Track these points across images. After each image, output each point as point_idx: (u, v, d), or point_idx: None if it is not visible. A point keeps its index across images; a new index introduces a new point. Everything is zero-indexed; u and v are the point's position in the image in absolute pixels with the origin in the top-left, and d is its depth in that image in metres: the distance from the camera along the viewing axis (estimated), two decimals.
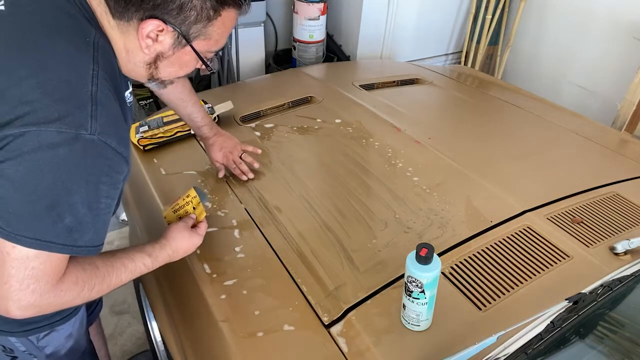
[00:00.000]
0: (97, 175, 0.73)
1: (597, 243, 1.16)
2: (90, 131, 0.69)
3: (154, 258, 0.92)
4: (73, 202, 0.70)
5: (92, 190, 0.72)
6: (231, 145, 1.36)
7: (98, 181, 0.73)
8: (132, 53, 0.80)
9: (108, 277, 0.82)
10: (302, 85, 1.98)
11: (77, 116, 0.69)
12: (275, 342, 0.94)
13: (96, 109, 0.71)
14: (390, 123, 1.67)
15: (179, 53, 0.81)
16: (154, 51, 0.80)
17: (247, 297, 1.02)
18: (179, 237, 0.98)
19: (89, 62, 0.73)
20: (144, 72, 0.83)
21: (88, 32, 0.75)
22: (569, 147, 1.63)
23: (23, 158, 0.67)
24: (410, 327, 0.94)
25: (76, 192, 0.70)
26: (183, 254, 0.99)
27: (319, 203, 1.28)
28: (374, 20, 2.86)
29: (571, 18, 2.88)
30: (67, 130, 0.68)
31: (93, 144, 0.70)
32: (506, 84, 2.34)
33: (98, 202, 0.74)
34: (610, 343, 0.98)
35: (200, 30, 0.79)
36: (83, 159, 0.70)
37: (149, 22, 0.75)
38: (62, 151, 0.68)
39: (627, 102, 2.39)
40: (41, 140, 0.67)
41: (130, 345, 1.80)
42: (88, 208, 0.72)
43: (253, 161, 1.37)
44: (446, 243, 1.15)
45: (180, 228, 0.99)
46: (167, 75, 0.86)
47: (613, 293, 0.98)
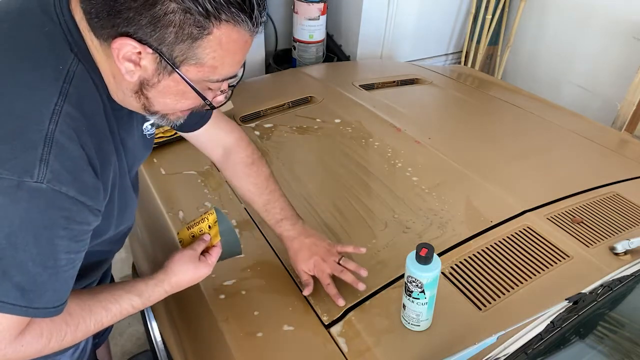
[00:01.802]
0: (49, 229, 0.62)
1: (597, 243, 1.16)
2: (36, 178, 0.58)
3: (146, 298, 0.81)
4: (21, 260, 0.61)
5: (45, 246, 0.62)
6: (324, 250, 1.04)
7: (52, 236, 0.62)
8: (118, 79, 0.67)
9: (84, 323, 0.72)
10: (302, 85, 1.98)
11: (22, 159, 0.58)
12: (275, 342, 0.94)
13: (49, 151, 0.59)
14: (390, 123, 1.67)
15: (166, 81, 0.66)
16: (137, 78, 0.66)
17: (247, 297, 1.02)
18: (183, 270, 0.85)
19: (53, 95, 0.62)
20: (134, 102, 0.70)
21: (63, 59, 0.64)
22: (569, 147, 1.63)
23: None
24: (410, 327, 0.94)
25: (22, 249, 0.60)
26: (185, 286, 0.87)
27: (319, 203, 1.28)
28: (374, 20, 2.86)
29: (571, 18, 2.88)
30: (9, 177, 0.57)
31: (41, 194, 0.59)
32: (506, 84, 2.34)
33: (55, 259, 0.63)
34: (610, 343, 0.98)
35: (186, 53, 0.63)
36: (28, 210, 0.59)
37: (120, 41, 0.61)
38: (2, 201, 0.58)
39: (627, 102, 2.39)
40: None
41: (130, 345, 1.80)
42: (42, 267, 0.62)
43: (359, 268, 1.02)
44: (446, 243, 1.15)
45: (185, 259, 0.86)
46: (164, 107, 0.71)
47: (613, 293, 0.98)
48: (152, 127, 0.87)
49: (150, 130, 0.86)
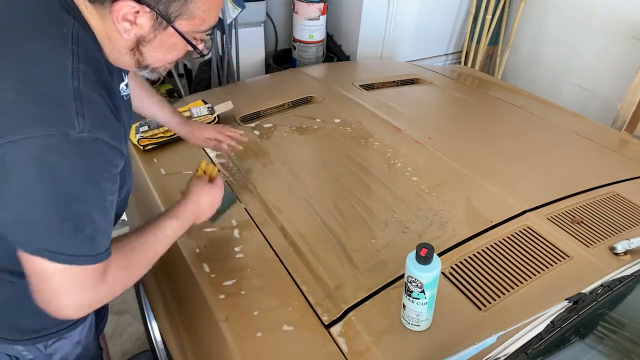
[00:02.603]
0: (98, 174, 0.68)
1: (597, 243, 1.16)
2: (79, 129, 0.64)
3: (181, 219, 0.91)
4: (83, 209, 0.67)
5: (97, 191, 0.69)
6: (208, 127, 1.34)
7: (101, 179, 0.69)
8: (114, 40, 0.74)
9: (146, 254, 0.82)
10: (302, 85, 1.98)
11: (61, 115, 0.64)
12: (275, 342, 0.94)
13: (81, 104, 0.65)
14: (390, 123, 1.67)
15: (161, 36, 0.74)
16: (134, 35, 0.73)
17: (247, 297, 1.02)
18: (200, 191, 0.98)
19: (68, 56, 0.67)
20: (129, 59, 0.76)
21: (65, 23, 0.69)
22: (569, 147, 1.63)
23: (21, 172, 0.63)
24: (410, 327, 0.94)
25: (82, 198, 0.67)
26: (208, 207, 0.99)
27: (319, 203, 1.28)
28: (374, 20, 2.87)
29: (571, 18, 2.88)
30: (53, 133, 0.62)
31: (85, 143, 0.65)
32: (506, 84, 2.34)
33: (105, 201, 0.70)
34: (610, 343, 0.98)
35: (180, 9, 0.71)
36: (78, 160, 0.65)
37: (121, 4, 0.68)
38: (54, 156, 0.63)
39: (627, 102, 2.39)
40: (30, 149, 0.62)
41: (130, 345, 1.80)
42: (100, 212, 0.69)
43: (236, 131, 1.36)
44: (446, 243, 1.15)
45: (199, 183, 1.00)
46: (155, 61, 0.78)
47: (613, 293, 0.98)
48: (126, 87, 0.89)
49: (125, 92, 0.89)
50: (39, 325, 0.88)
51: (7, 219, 0.67)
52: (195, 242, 1.16)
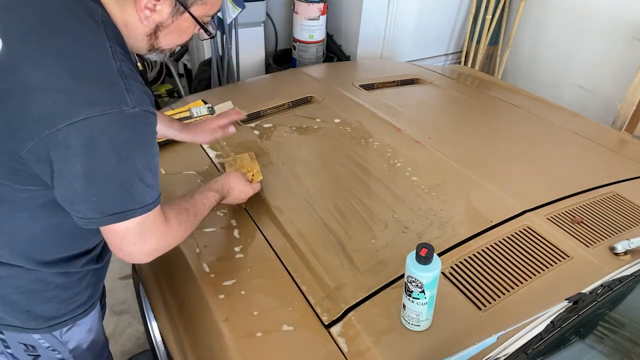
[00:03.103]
0: (149, 141, 0.78)
1: (597, 243, 1.16)
2: (131, 104, 0.72)
3: (219, 193, 1.07)
4: (139, 171, 0.76)
5: (149, 154, 0.78)
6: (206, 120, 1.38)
7: (151, 145, 0.78)
8: (131, 26, 0.80)
9: (194, 216, 0.95)
10: (302, 85, 1.98)
11: (114, 94, 0.71)
12: (275, 342, 0.94)
13: (127, 82, 0.73)
14: (390, 123, 1.67)
15: (178, 21, 0.82)
16: (153, 22, 0.80)
17: (246, 297, 1.02)
18: (238, 180, 1.14)
19: (104, 40, 0.74)
20: (144, 44, 0.84)
21: (94, 10, 0.76)
22: (569, 147, 1.63)
23: (84, 150, 0.70)
24: (410, 327, 0.94)
25: (139, 162, 0.76)
26: (237, 194, 1.14)
27: (319, 203, 1.28)
28: (374, 20, 2.86)
29: (571, 18, 2.88)
30: (112, 110, 0.70)
31: (137, 116, 0.73)
32: (506, 84, 2.34)
33: (154, 161, 0.80)
34: (610, 343, 0.98)
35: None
36: (135, 131, 0.74)
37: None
38: (115, 131, 0.71)
39: (627, 102, 2.39)
40: (92, 127, 0.69)
41: (130, 345, 1.79)
42: (149, 170, 0.78)
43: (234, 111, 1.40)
44: (446, 243, 1.15)
45: (238, 174, 1.17)
46: (167, 43, 0.86)
47: (613, 293, 0.98)
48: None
49: None
50: (54, 313, 0.91)
51: (70, 199, 0.75)
52: (195, 242, 1.16)
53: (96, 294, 1.00)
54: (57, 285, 0.89)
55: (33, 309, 0.89)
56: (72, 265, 0.90)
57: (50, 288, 0.89)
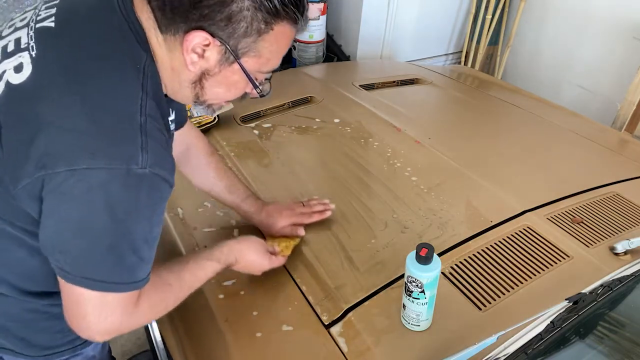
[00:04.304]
0: (151, 209, 0.70)
1: (597, 243, 1.16)
2: (141, 165, 0.65)
3: (222, 263, 0.92)
4: (132, 240, 0.68)
5: (148, 224, 0.70)
6: (287, 204, 1.17)
7: (152, 214, 0.71)
8: (178, 71, 0.74)
9: (181, 291, 0.83)
10: (302, 85, 1.98)
11: (127, 149, 0.65)
12: (275, 342, 0.94)
13: (146, 141, 0.67)
14: (390, 123, 1.67)
15: (226, 71, 0.74)
16: (199, 68, 0.73)
17: (246, 297, 1.02)
18: (253, 249, 0.97)
19: (138, 90, 0.69)
20: (189, 92, 0.77)
21: (139, 56, 0.71)
22: (569, 147, 1.63)
23: (77, 201, 0.64)
24: (410, 327, 0.94)
25: (134, 230, 0.68)
26: (247, 265, 0.96)
27: None
28: (374, 20, 2.86)
29: (571, 18, 2.88)
30: (118, 166, 0.64)
31: (146, 178, 0.66)
32: (506, 84, 2.34)
33: (152, 232, 0.72)
34: (610, 343, 0.98)
35: (249, 46, 0.71)
36: (137, 195, 0.67)
37: (194, 34, 0.68)
38: (115, 189, 0.65)
39: (627, 102, 2.39)
40: (91, 179, 0.64)
41: (130, 345, 1.79)
42: (145, 242, 0.70)
43: (321, 200, 1.21)
44: (446, 243, 1.15)
45: (259, 243, 0.99)
46: (214, 96, 0.79)
47: (613, 293, 0.98)
48: (171, 123, 0.88)
49: (172, 127, 0.89)
50: (51, 343, 0.87)
51: (51, 243, 0.68)
52: (195, 242, 1.16)
53: None
54: (52, 316, 0.84)
55: (28, 337, 0.85)
56: None
57: (44, 318, 0.84)
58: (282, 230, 1.12)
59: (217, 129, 1.60)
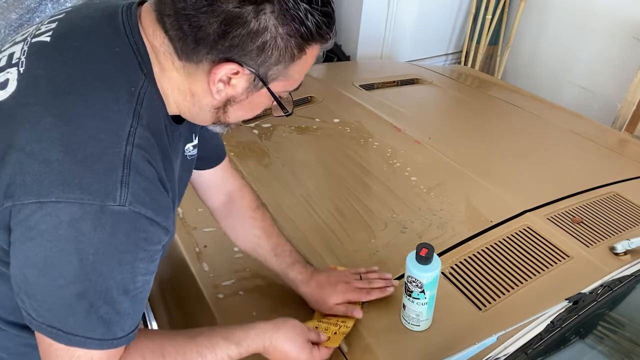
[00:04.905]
0: (131, 252, 0.61)
1: (597, 243, 1.16)
2: (119, 201, 0.57)
3: (244, 347, 0.75)
4: (106, 288, 0.59)
5: (127, 270, 0.61)
6: (342, 275, 0.99)
7: (134, 259, 0.61)
8: (199, 97, 0.68)
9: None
10: (302, 85, 1.96)
11: (103, 183, 0.57)
12: None
13: (128, 174, 0.59)
14: (390, 123, 1.67)
15: (252, 97, 0.69)
16: (224, 96, 0.67)
17: (246, 297, 1.02)
18: (291, 337, 0.80)
19: (128, 117, 0.61)
20: (210, 116, 0.71)
21: (135, 79, 0.64)
22: (569, 147, 1.63)
23: (43, 238, 0.57)
24: (410, 327, 0.94)
25: (108, 276, 0.59)
26: (280, 354, 0.79)
27: (319, 203, 1.28)
28: (374, 20, 2.86)
29: (571, 18, 2.88)
30: (91, 202, 0.56)
31: (123, 217, 0.58)
32: (506, 84, 2.34)
33: (134, 282, 0.62)
34: (610, 343, 0.98)
35: (280, 72, 0.66)
36: (112, 236, 0.58)
37: (223, 67, 0.63)
38: (87, 227, 0.57)
39: (627, 102, 2.39)
40: (61, 214, 0.56)
41: None
42: (124, 292, 0.61)
43: (382, 274, 1.02)
44: (446, 243, 1.14)
45: (298, 330, 0.81)
46: (235, 118, 0.73)
47: (613, 293, 0.98)
48: (193, 148, 0.83)
49: (192, 152, 0.83)
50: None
51: (17, 283, 0.60)
52: (195, 241, 1.16)
53: None
54: None
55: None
56: None
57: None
58: (335, 308, 0.94)
59: None
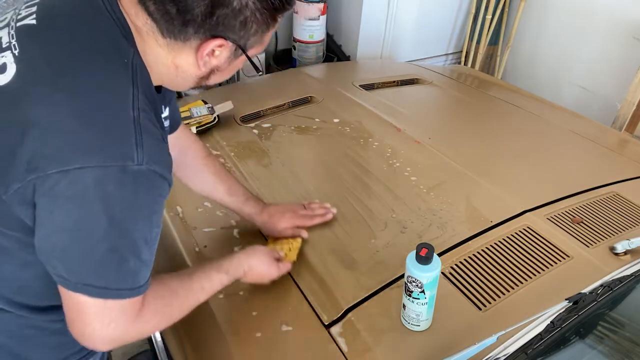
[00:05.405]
0: (150, 206, 0.68)
1: (597, 243, 1.16)
2: (137, 161, 0.63)
3: (231, 275, 0.91)
4: (132, 241, 0.66)
5: (147, 223, 0.68)
6: (290, 206, 1.18)
7: (151, 212, 0.68)
8: (183, 69, 0.74)
9: (186, 301, 0.81)
10: (302, 85, 1.98)
11: (121, 146, 0.63)
12: (275, 343, 0.94)
13: (141, 136, 0.64)
14: (390, 123, 1.66)
15: (233, 63, 0.77)
16: (209, 66, 0.75)
17: (246, 297, 1.02)
18: (262, 259, 0.97)
19: (129, 85, 0.67)
20: (192, 84, 0.79)
21: (126, 51, 0.69)
22: (569, 147, 1.63)
23: (72, 203, 0.62)
24: (410, 327, 0.94)
25: (133, 230, 0.66)
26: (256, 277, 0.97)
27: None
28: (374, 20, 2.86)
29: (571, 18, 2.88)
30: (113, 164, 0.62)
31: (142, 175, 0.64)
32: (506, 84, 2.34)
33: (151, 233, 0.69)
34: (610, 343, 0.98)
35: (257, 40, 0.75)
36: (135, 193, 0.64)
37: (212, 42, 0.70)
38: (111, 187, 0.62)
39: (627, 102, 2.39)
40: (86, 179, 0.61)
41: (130, 345, 1.78)
42: (145, 242, 0.68)
43: (323, 203, 1.21)
44: (446, 243, 1.14)
45: (266, 252, 0.98)
46: (214, 81, 0.81)
47: (613, 293, 0.98)
48: (165, 120, 0.87)
49: (165, 124, 0.87)
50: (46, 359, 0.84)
51: (48, 250, 0.66)
52: (195, 242, 1.16)
53: None
54: (52, 332, 0.81)
55: (24, 354, 0.81)
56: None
57: (45, 334, 0.81)
58: (284, 232, 1.12)
59: (217, 129, 1.60)
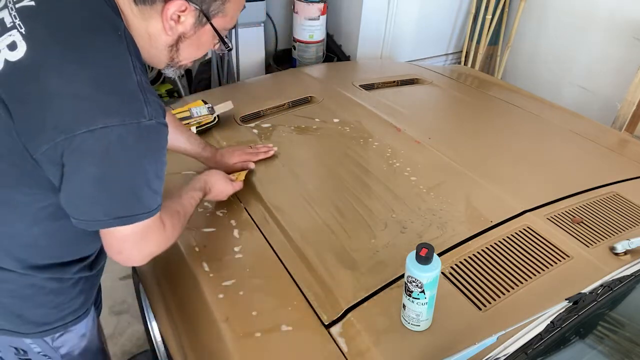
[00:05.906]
0: (161, 150, 0.81)
1: (597, 243, 1.16)
2: (148, 117, 0.75)
3: (202, 191, 1.11)
4: (149, 179, 0.80)
5: (159, 163, 0.82)
6: (237, 147, 1.44)
7: (162, 155, 0.82)
8: (155, 37, 0.83)
9: (184, 216, 0.99)
10: (302, 85, 1.98)
11: (134, 105, 0.74)
12: (275, 343, 0.94)
13: (146, 95, 0.76)
14: (390, 123, 1.66)
15: (199, 32, 0.85)
16: (176, 32, 0.83)
17: (246, 297, 1.02)
18: (219, 178, 1.18)
19: (126, 53, 0.77)
20: (166, 55, 0.87)
21: (117, 24, 0.79)
22: (569, 147, 1.63)
23: (98, 157, 0.73)
24: (410, 327, 0.94)
25: (149, 170, 0.79)
26: (216, 193, 1.17)
27: (319, 203, 1.28)
28: (374, 20, 2.86)
29: (571, 18, 2.88)
30: (131, 121, 0.73)
31: (153, 128, 0.76)
32: (506, 84, 2.34)
33: (162, 170, 0.84)
34: (610, 343, 0.98)
35: (219, 7, 0.83)
36: (149, 142, 0.78)
37: (173, 3, 0.78)
38: (131, 141, 0.74)
39: (627, 102, 2.39)
40: (110, 136, 0.72)
41: (130, 345, 1.80)
42: (157, 177, 0.82)
43: (267, 144, 1.49)
44: (446, 243, 1.14)
45: (221, 173, 1.20)
46: (187, 57, 0.89)
47: (613, 293, 0.98)
48: None
49: None
50: (46, 319, 0.92)
51: (79, 199, 0.77)
52: (195, 241, 1.16)
53: (89, 301, 1.00)
54: (50, 291, 0.90)
55: (25, 314, 0.90)
56: (65, 271, 0.90)
57: (43, 293, 0.89)
58: (235, 166, 1.37)
59: (217, 129, 1.60)
